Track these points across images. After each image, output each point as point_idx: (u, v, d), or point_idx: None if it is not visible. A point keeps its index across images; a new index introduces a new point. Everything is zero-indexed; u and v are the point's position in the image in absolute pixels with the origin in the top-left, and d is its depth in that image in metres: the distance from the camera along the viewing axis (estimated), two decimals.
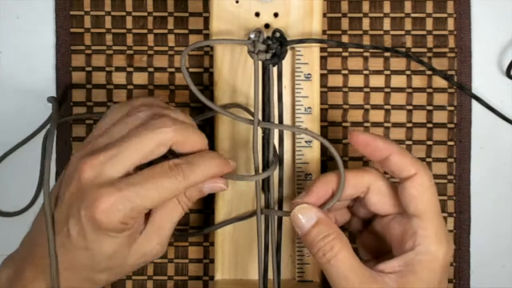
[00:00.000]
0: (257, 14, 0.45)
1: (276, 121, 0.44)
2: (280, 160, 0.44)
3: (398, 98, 0.49)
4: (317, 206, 0.41)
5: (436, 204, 0.40)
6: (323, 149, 0.45)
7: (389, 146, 0.41)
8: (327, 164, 0.49)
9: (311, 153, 0.45)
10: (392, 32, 0.49)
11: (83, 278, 0.40)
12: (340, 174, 0.41)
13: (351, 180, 0.41)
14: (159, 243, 0.41)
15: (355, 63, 0.49)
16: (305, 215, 0.40)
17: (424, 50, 0.49)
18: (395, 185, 0.42)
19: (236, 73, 0.45)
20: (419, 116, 0.49)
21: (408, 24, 0.49)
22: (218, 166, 0.41)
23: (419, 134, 0.49)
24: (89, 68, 0.49)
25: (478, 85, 0.49)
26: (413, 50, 0.49)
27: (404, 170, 0.40)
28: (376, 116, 0.49)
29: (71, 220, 0.39)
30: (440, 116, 0.49)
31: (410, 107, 0.49)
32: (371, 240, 0.44)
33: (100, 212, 0.37)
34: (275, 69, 0.43)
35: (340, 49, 0.49)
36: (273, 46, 0.42)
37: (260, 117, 0.43)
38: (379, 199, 0.42)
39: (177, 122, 0.40)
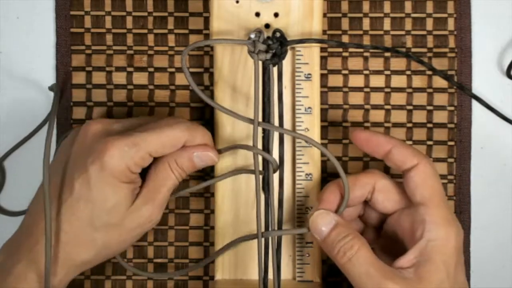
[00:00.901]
0: (257, 14, 0.45)
1: (277, 121, 0.44)
2: (280, 160, 0.44)
3: (398, 98, 0.49)
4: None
5: (440, 190, 0.42)
6: None
7: (390, 140, 0.42)
8: (327, 164, 0.49)
9: (311, 153, 0.45)
10: (392, 32, 0.49)
11: (82, 239, 0.41)
12: (347, 182, 0.42)
13: (357, 182, 0.43)
14: (155, 207, 0.42)
15: (355, 63, 0.49)
16: (323, 221, 0.42)
17: (424, 50, 0.49)
18: (398, 181, 0.43)
19: (236, 73, 0.45)
20: (419, 116, 0.49)
21: (408, 24, 0.49)
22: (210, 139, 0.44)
23: (419, 134, 0.49)
24: (89, 68, 0.49)
25: (478, 85, 0.49)
26: (413, 50, 0.49)
27: (407, 161, 0.42)
28: (376, 116, 0.49)
29: (75, 174, 0.41)
30: (440, 116, 0.49)
31: (410, 107, 0.49)
32: (386, 245, 0.44)
33: (109, 156, 0.40)
34: (275, 69, 0.43)
35: (340, 49, 0.49)
36: (273, 46, 0.42)
37: (260, 117, 0.43)
38: (385, 196, 0.43)
39: (189, 122, 0.43)
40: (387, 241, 0.44)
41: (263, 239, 0.43)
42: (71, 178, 0.41)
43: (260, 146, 0.44)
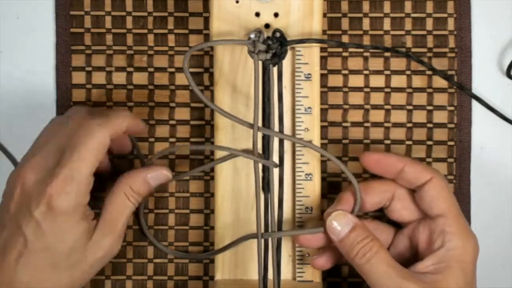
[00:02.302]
0: (257, 14, 0.45)
1: (277, 121, 0.44)
2: (280, 160, 0.44)
3: (398, 98, 0.49)
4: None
5: (455, 202, 0.43)
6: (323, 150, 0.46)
7: (401, 159, 0.43)
8: (327, 164, 0.49)
9: (311, 153, 0.45)
10: (392, 32, 0.49)
11: (47, 285, 0.40)
12: (359, 185, 0.43)
13: (376, 187, 0.44)
14: (115, 239, 0.42)
15: (355, 63, 0.49)
16: (341, 222, 0.42)
17: (424, 50, 0.49)
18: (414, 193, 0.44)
19: (236, 73, 0.45)
20: (419, 116, 0.49)
21: (408, 24, 0.49)
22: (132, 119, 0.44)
23: (419, 134, 0.49)
24: (89, 68, 0.49)
25: (478, 85, 0.49)
26: (413, 50, 0.49)
27: (420, 177, 0.42)
28: (376, 116, 0.49)
29: (23, 225, 0.40)
30: (440, 116, 0.49)
31: (410, 107, 0.49)
32: (397, 253, 0.45)
33: (55, 198, 0.40)
34: (275, 69, 0.43)
35: (340, 49, 0.49)
36: (273, 46, 0.42)
37: (260, 117, 0.43)
38: (403, 205, 0.44)
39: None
40: (398, 250, 0.45)
41: (262, 239, 0.43)
42: (19, 230, 0.40)
43: (260, 146, 0.44)
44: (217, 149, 0.45)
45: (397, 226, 0.46)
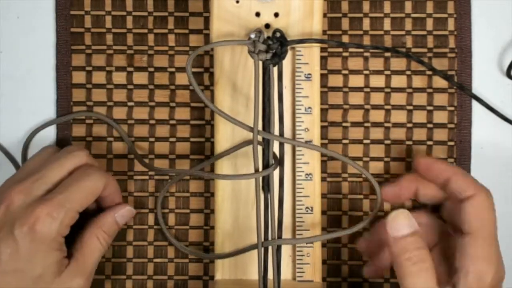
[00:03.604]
0: (257, 14, 0.45)
1: (277, 121, 0.44)
2: (280, 160, 0.44)
3: (398, 98, 0.49)
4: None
5: (491, 224, 0.42)
6: None
7: (450, 168, 0.44)
8: (327, 164, 0.49)
9: (311, 153, 0.45)
10: (392, 32, 0.49)
11: None
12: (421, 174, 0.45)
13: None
14: (85, 280, 0.43)
15: (355, 63, 0.49)
16: (404, 221, 0.42)
17: (425, 50, 0.49)
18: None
19: (236, 73, 0.45)
20: (419, 116, 0.49)
21: (408, 24, 0.49)
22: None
23: (419, 134, 0.49)
24: (89, 68, 0.49)
25: (478, 85, 0.49)
26: (413, 50, 0.49)
27: (463, 191, 0.43)
28: (376, 116, 0.49)
29: (2, 244, 0.40)
30: (440, 116, 0.49)
31: (410, 107, 0.49)
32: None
33: (41, 224, 0.40)
34: (275, 69, 0.43)
35: (340, 49, 0.49)
36: (273, 46, 0.42)
37: (260, 118, 0.43)
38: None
39: (94, 167, 0.45)
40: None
41: (262, 239, 0.43)
42: None
43: (260, 146, 0.44)
44: (217, 178, 0.46)
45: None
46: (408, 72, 0.49)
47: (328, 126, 0.49)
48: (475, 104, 0.49)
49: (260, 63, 0.43)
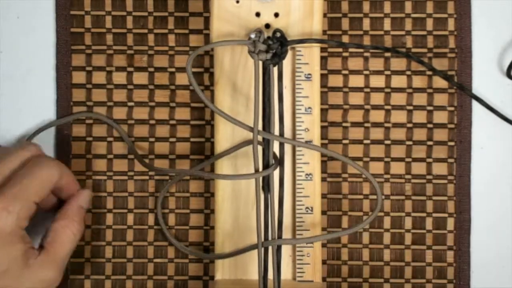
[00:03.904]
0: (257, 14, 0.45)
1: (277, 121, 0.44)
2: (280, 160, 0.44)
3: (398, 98, 0.49)
4: None
5: None
6: None
7: None
8: (327, 164, 0.49)
9: (311, 153, 0.45)
10: (392, 33, 0.49)
11: None
12: None
13: None
14: (57, 272, 0.42)
15: (355, 63, 0.49)
16: None
17: (425, 50, 0.49)
18: None
19: (236, 73, 0.45)
20: (420, 117, 0.49)
21: (408, 25, 0.49)
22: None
23: (420, 134, 0.49)
24: (89, 68, 0.49)
25: (478, 85, 0.49)
26: (413, 50, 0.49)
27: None
28: (377, 116, 0.49)
29: None
30: (440, 117, 0.49)
31: (411, 107, 0.49)
32: None
33: None
34: (275, 69, 0.43)
35: (340, 49, 0.49)
36: (273, 46, 0.42)
37: (260, 118, 0.43)
38: None
39: (45, 156, 0.44)
40: None
41: (262, 239, 0.43)
42: None
43: (260, 146, 0.44)
44: (217, 178, 0.46)
45: None
46: (408, 72, 0.49)
47: (328, 126, 0.49)
48: (475, 104, 0.49)
49: (260, 63, 0.43)
